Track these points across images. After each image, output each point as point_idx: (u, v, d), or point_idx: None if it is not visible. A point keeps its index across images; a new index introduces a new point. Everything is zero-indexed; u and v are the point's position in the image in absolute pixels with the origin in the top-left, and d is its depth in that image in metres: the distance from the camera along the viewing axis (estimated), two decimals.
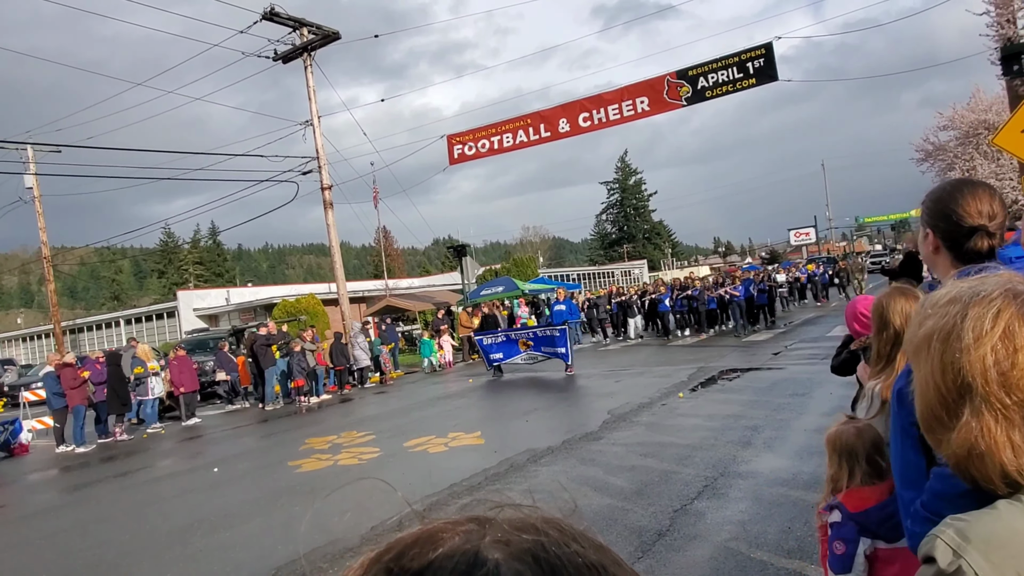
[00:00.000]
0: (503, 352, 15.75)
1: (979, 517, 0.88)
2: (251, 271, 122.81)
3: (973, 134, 21.88)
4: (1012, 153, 8.83)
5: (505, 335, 16.15)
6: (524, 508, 0.49)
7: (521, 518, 0.47)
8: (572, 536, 0.46)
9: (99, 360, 14.07)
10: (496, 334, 16.35)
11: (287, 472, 8.54)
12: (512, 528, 0.46)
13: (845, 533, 2.07)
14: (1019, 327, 0.90)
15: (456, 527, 0.46)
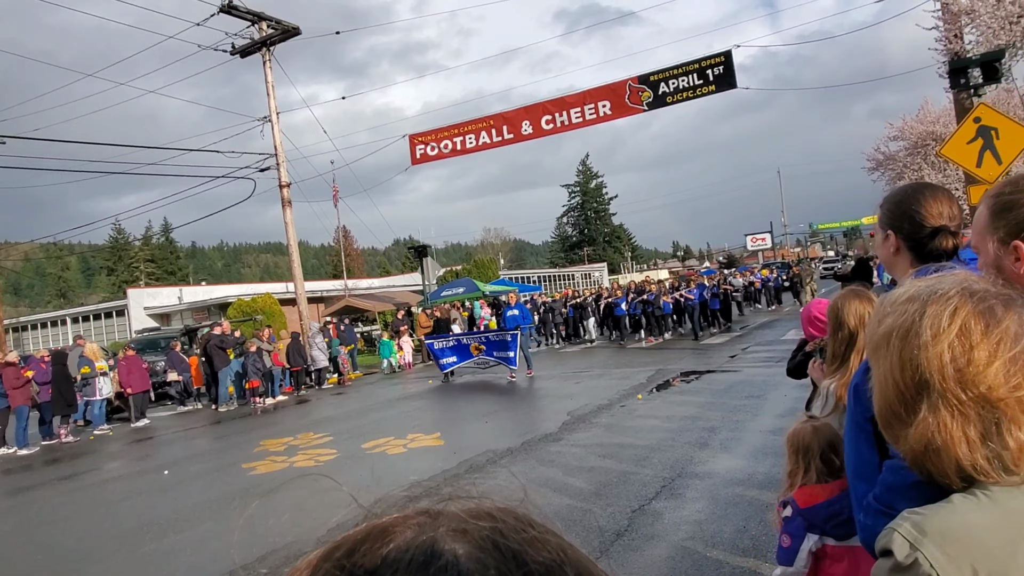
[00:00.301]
0: (456, 356, 15.48)
1: (935, 511, 0.89)
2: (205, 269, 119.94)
3: (922, 144, 22.67)
4: (958, 163, 9.17)
5: (456, 339, 15.91)
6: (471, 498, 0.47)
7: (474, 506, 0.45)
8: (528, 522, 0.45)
9: (44, 359, 13.56)
10: (447, 338, 16.07)
11: (241, 474, 8.35)
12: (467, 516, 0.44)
13: (793, 528, 2.12)
14: (975, 325, 0.91)
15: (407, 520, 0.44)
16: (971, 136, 8.62)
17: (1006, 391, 0.88)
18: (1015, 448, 0.87)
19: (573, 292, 25.75)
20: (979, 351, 0.90)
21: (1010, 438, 0.88)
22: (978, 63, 9.21)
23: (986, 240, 1.26)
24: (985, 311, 0.92)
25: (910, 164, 23.91)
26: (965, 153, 8.72)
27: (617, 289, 22.84)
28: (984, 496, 0.88)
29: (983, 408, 0.89)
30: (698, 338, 18.50)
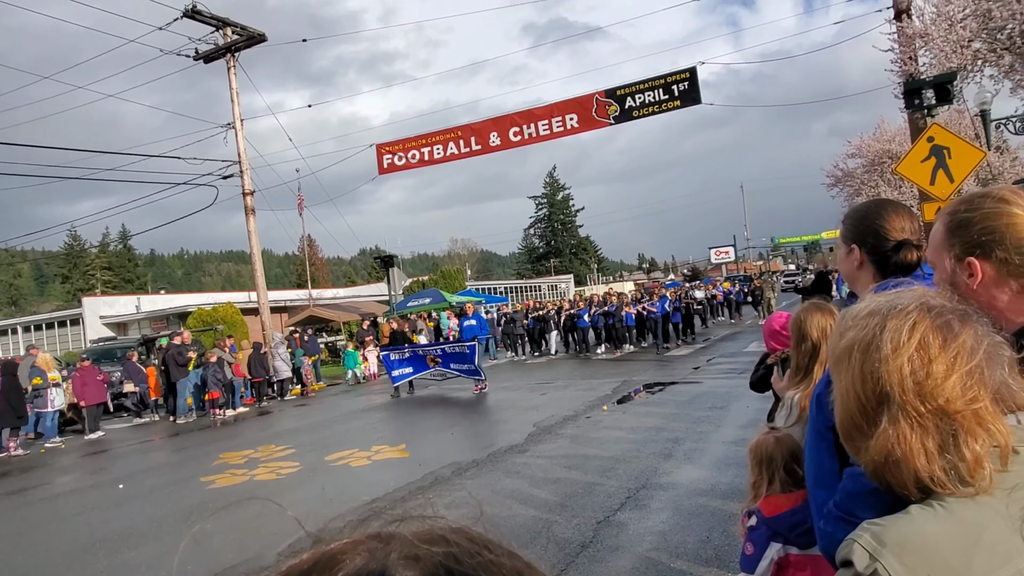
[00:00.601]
0: (412, 367, 15.09)
1: (894, 522, 0.91)
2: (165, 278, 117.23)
3: (878, 162, 23.35)
4: (912, 181, 9.46)
5: (412, 351, 15.47)
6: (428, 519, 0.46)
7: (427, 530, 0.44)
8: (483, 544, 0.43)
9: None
10: (403, 350, 15.54)
11: (199, 488, 8.13)
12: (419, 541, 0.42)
13: (757, 537, 2.15)
14: (933, 339, 0.93)
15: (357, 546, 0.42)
16: (925, 155, 8.91)
17: (963, 404, 0.91)
18: (971, 459, 0.89)
19: (535, 303, 25.34)
20: (937, 365, 0.92)
21: (966, 449, 0.90)
22: (931, 85, 9.54)
23: (942, 256, 1.30)
24: (943, 326, 0.95)
25: (867, 181, 24.61)
26: (919, 171, 9.01)
27: (580, 301, 22.58)
28: (940, 507, 0.90)
29: (941, 420, 0.91)
30: (660, 351, 18.54)
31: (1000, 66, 11.16)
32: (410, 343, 16.82)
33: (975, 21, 10.94)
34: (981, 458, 0.89)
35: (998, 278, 1.23)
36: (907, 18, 11.70)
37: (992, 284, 1.23)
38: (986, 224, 1.23)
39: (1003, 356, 0.94)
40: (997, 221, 1.22)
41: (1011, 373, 0.93)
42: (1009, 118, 14.28)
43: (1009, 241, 1.21)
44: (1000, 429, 0.90)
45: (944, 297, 1.01)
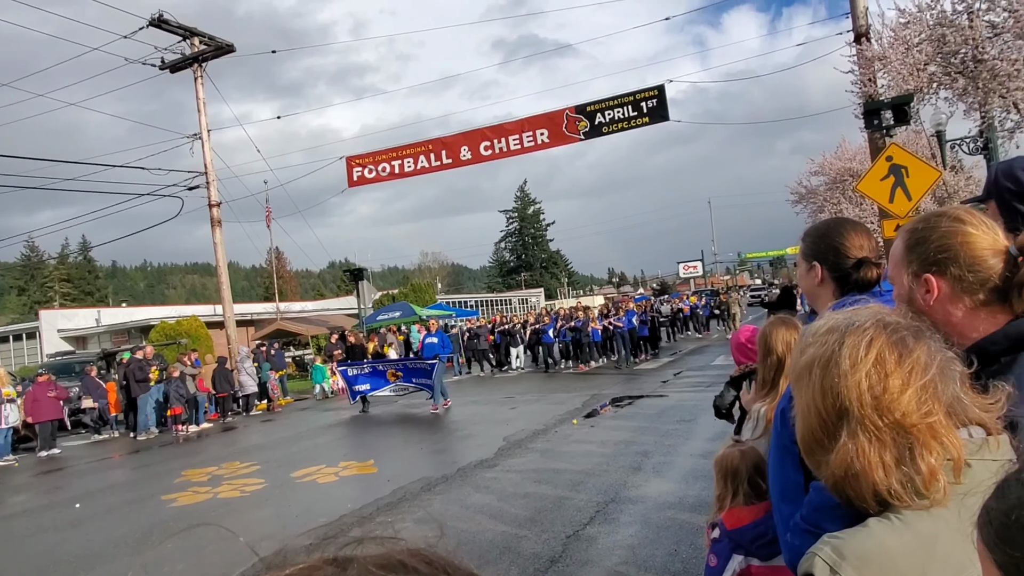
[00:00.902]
0: (370, 383, 14.75)
1: (853, 535, 0.93)
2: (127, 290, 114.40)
3: (840, 180, 23.91)
4: (872, 199, 9.72)
5: (372, 366, 15.16)
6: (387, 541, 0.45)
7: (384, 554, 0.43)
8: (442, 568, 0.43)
9: None
10: (362, 364, 15.26)
11: (160, 506, 7.92)
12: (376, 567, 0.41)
13: (720, 549, 2.18)
14: (889, 355, 0.96)
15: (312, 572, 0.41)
16: (884, 173, 9.16)
17: (918, 417, 0.93)
18: (927, 472, 0.92)
19: (501, 318, 24.95)
20: (893, 379, 0.95)
21: (922, 462, 0.92)
22: (889, 106, 9.83)
23: (900, 272, 1.33)
24: (898, 342, 0.98)
25: (829, 198, 25.17)
26: (879, 189, 9.26)
27: (545, 315, 22.23)
28: (897, 520, 0.92)
29: (898, 434, 0.94)
30: (627, 365, 18.41)
31: (954, 89, 11.56)
32: (374, 357, 16.60)
33: (930, 45, 11.33)
34: (936, 470, 0.91)
35: (953, 295, 1.26)
36: (866, 41, 12.05)
37: (947, 300, 1.27)
38: (942, 242, 1.27)
39: (955, 371, 0.97)
40: (952, 239, 1.26)
41: (963, 388, 0.97)
42: (963, 139, 14.78)
43: (963, 259, 1.24)
44: (953, 442, 0.93)
45: (899, 314, 1.04)
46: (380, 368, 14.98)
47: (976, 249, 1.24)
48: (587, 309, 22.00)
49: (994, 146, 12.22)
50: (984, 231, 1.26)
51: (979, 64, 10.84)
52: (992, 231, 1.27)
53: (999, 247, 1.25)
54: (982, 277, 1.24)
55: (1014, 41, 10.43)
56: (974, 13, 10.81)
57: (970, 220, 1.28)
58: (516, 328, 21.95)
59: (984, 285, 1.24)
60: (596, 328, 19.61)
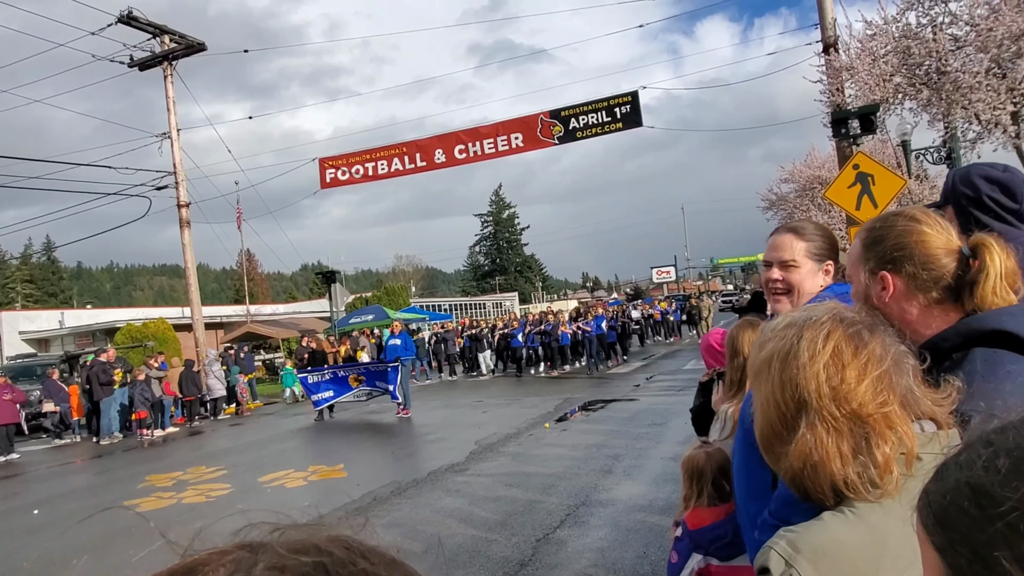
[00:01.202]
0: (333, 390, 14.25)
1: (808, 528, 0.93)
2: (92, 292, 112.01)
3: (809, 187, 24.34)
4: (840, 206, 9.90)
5: (333, 372, 14.60)
6: (307, 527, 0.44)
7: (301, 539, 0.41)
8: (360, 553, 0.41)
9: None
10: (323, 371, 14.72)
11: (122, 512, 7.72)
12: (289, 551, 0.40)
13: (681, 547, 2.21)
14: (845, 347, 0.98)
15: (223, 556, 0.40)
16: (851, 181, 9.34)
17: (874, 407, 0.95)
18: (882, 462, 0.93)
19: (470, 322, 24.60)
20: (850, 371, 0.96)
21: (878, 451, 0.93)
22: (856, 115, 10.03)
23: (858, 270, 1.35)
24: (854, 335, 0.99)
25: (799, 205, 25.61)
26: (846, 197, 9.44)
27: (514, 320, 21.88)
28: (851, 513, 0.93)
29: (855, 424, 0.95)
30: (597, 370, 18.21)
31: (919, 100, 11.84)
32: (346, 361, 16.31)
33: (896, 57, 11.59)
34: (890, 460, 0.93)
35: (908, 292, 1.29)
36: (835, 52, 12.29)
37: (903, 297, 1.29)
38: (898, 240, 1.29)
39: (908, 364, 0.99)
40: (908, 238, 1.29)
41: (915, 381, 0.98)
42: (927, 149, 15.15)
43: (918, 257, 1.27)
44: (907, 432, 0.95)
45: (854, 310, 1.05)
46: (341, 374, 14.50)
47: (930, 248, 1.27)
48: (557, 313, 21.81)
49: (957, 156, 12.54)
50: (939, 231, 1.29)
51: (942, 76, 11.12)
52: (946, 231, 1.30)
53: (952, 247, 1.27)
54: (936, 275, 1.26)
55: (975, 54, 10.72)
56: (938, 26, 11.09)
57: (925, 220, 1.31)
58: (484, 332, 21.60)
59: (937, 283, 1.26)
60: (566, 332, 19.44)
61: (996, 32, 10.33)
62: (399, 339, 14.94)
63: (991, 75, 10.77)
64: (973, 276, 1.23)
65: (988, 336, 1.19)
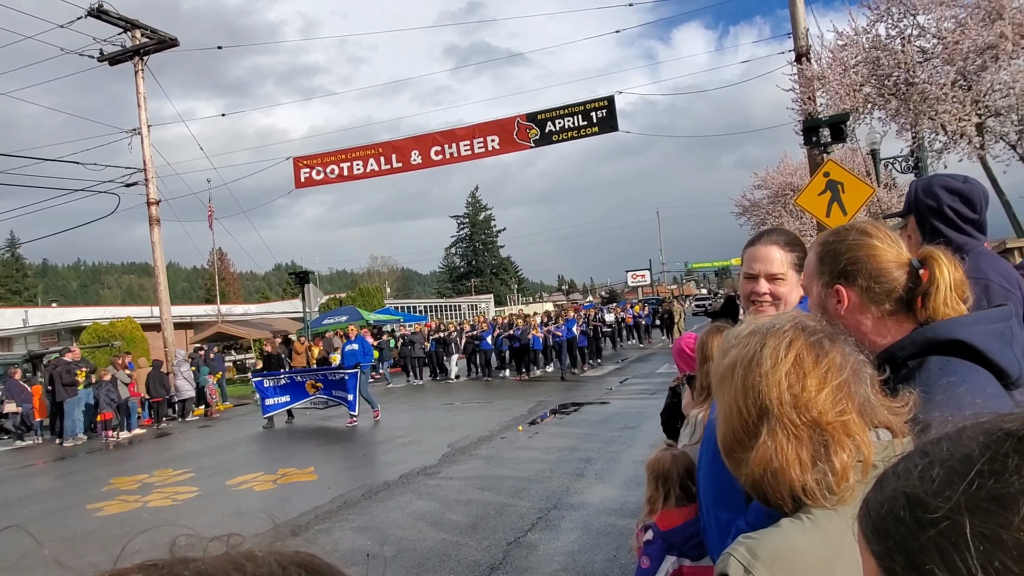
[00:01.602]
0: (289, 395, 13.69)
1: (766, 535, 0.94)
2: (58, 289, 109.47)
3: (781, 194, 24.74)
4: (811, 213, 10.05)
5: (289, 377, 14.11)
6: (231, 539, 0.43)
7: (206, 564, 0.40)
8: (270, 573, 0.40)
9: None
10: (278, 375, 14.22)
11: (84, 516, 7.55)
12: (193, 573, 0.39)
13: (653, 550, 2.19)
14: (807, 356, 0.99)
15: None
16: (821, 189, 9.48)
17: (833, 415, 0.96)
18: (839, 469, 0.94)
19: (437, 324, 23.63)
20: (811, 379, 0.98)
21: (836, 459, 0.94)
22: (827, 124, 10.20)
23: (813, 283, 1.38)
24: (815, 344, 1.00)
25: (772, 211, 26.00)
26: (817, 204, 9.58)
27: (483, 322, 21.35)
28: (808, 519, 0.93)
29: (814, 431, 0.96)
30: (565, 376, 17.83)
31: (887, 110, 12.10)
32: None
33: (866, 67, 11.83)
34: (848, 467, 0.94)
35: (862, 304, 1.32)
36: (807, 61, 12.50)
37: (857, 310, 1.32)
38: (851, 254, 1.33)
39: (866, 374, 1.00)
40: (860, 252, 1.32)
41: (873, 390, 0.99)
42: (896, 158, 15.47)
43: (870, 270, 1.30)
44: (865, 440, 0.96)
45: (816, 319, 1.06)
46: (299, 379, 13.93)
47: (882, 261, 1.31)
48: (528, 317, 21.34)
49: (924, 165, 12.83)
50: (889, 244, 1.33)
51: (910, 87, 11.37)
52: (896, 244, 1.33)
53: (902, 260, 1.31)
54: (887, 288, 1.30)
55: (942, 66, 10.98)
56: (906, 38, 11.35)
57: (876, 234, 1.34)
58: (452, 335, 21.04)
59: (890, 295, 1.30)
60: (538, 336, 18.98)
61: (962, 45, 10.59)
62: (356, 344, 14.28)
63: (957, 87, 11.04)
64: (924, 288, 1.27)
65: (942, 345, 1.23)
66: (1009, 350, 1.25)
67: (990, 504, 0.43)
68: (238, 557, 0.41)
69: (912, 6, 11.46)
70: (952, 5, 11.22)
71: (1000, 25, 10.52)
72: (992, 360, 1.22)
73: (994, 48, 10.68)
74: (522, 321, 20.09)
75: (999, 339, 1.25)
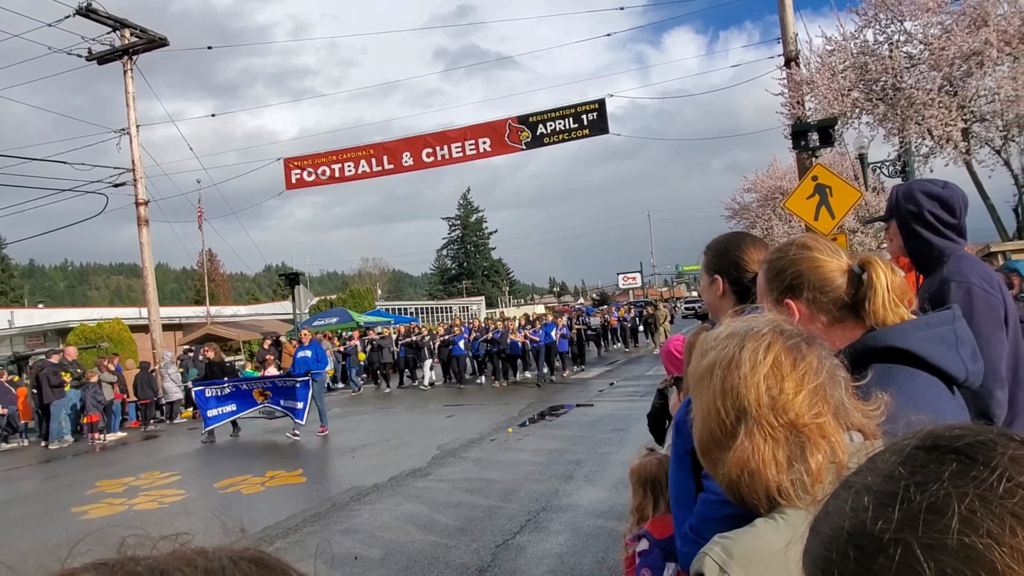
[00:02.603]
0: (235, 404, 12.64)
1: (742, 535, 0.95)
2: (44, 290, 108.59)
3: (771, 197, 24.87)
4: (799, 216, 10.12)
5: (234, 385, 12.92)
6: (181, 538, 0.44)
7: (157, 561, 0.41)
8: (207, 571, 0.41)
9: None
10: (222, 384, 12.91)
11: (69, 519, 7.49)
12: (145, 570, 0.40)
13: (652, 560, 2.13)
14: (785, 359, 1.01)
15: None
16: (810, 192, 9.54)
17: (810, 418, 0.97)
18: (815, 470, 0.95)
19: (407, 329, 22.22)
20: (788, 382, 0.99)
21: (812, 460, 0.96)
22: (815, 128, 10.28)
23: (765, 300, 1.43)
24: (793, 347, 1.02)
25: (761, 214, 26.15)
26: (805, 207, 9.64)
27: (456, 326, 20.23)
28: (781, 519, 0.95)
29: (791, 433, 0.98)
30: (544, 382, 16.78)
31: (875, 114, 12.20)
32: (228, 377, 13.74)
33: (854, 72, 11.93)
34: (822, 469, 0.95)
35: (811, 315, 1.37)
36: (796, 66, 12.60)
37: (807, 320, 1.36)
38: (794, 269, 1.38)
39: (840, 377, 1.02)
40: (802, 265, 1.38)
41: (847, 394, 1.01)
42: (883, 162, 15.58)
43: (814, 281, 1.36)
44: (839, 442, 0.97)
45: (792, 323, 1.08)
46: (244, 387, 12.87)
47: (824, 272, 1.36)
48: (507, 320, 20.48)
49: (911, 169, 12.94)
50: (829, 255, 1.38)
51: (898, 92, 11.47)
52: (836, 255, 1.39)
53: (843, 268, 1.36)
54: (832, 296, 1.35)
55: (929, 72, 11.08)
56: (894, 44, 11.46)
57: (816, 246, 1.40)
58: (424, 339, 19.66)
59: (835, 304, 1.35)
60: (517, 340, 17.75)
61: (948, 51, 10.70)
62: (309, 350, 12.84)
63: (943, 92, 11.15)
64: (863, 293, 1.32)
65: (882, 353, 1.27)
66: (954, 352, 1.30)
67: (926, 514, 0.44)
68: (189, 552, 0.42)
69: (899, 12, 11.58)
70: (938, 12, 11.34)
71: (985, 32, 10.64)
72: (934, 365, 1.27)
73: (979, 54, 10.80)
74: (499, 324, 19.18)
75: (940, 343, 1.29)
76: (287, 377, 12.62)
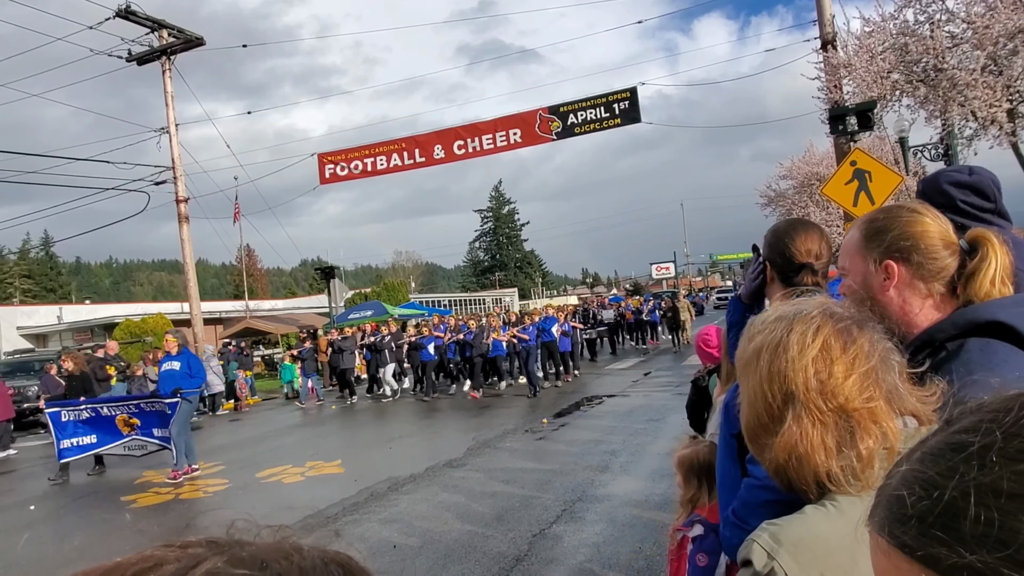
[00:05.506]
0: (95, 435, 9.95)
1: (790, 522, 0.95)
2: (90, 287, 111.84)
3: (807, 184, 24.33)
4: (837, 202, 9.90)
5: (94, 409, 9.94)
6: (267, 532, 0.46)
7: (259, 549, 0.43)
8: (301, 570, 0.42)
9: None
10: (78, 405, 10.00)
11: (119, 508, 7.74)
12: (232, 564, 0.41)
13: (708, 545, 2.12)
14: (835, 342, 0.99)
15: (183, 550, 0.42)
16: (848, 178, 9.33)
17: (860, 402, 0.96)
18: (865, 456, 0.94)
19: (371, 328, 18.54)
20: (838, 366, 0.98)
21: (862, 445, 0.95)
22: (854, 112, 10.01)
23: (859, 260, 1.36)
24: (843, 330, 1.00)
25: (798, 201, 25.62)
26: (843, 193, 9.43)
27: (425, 325, 17.41)
28: (832, 506, 0.94)
29: (840, 418, 0.96)
30: (532, 393, 13.92)
31: (916, 97, 11.83)
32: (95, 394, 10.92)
33: (893, 54, 11.58)
34: (873, 455, 0.94)
35: (911, 282, 1.30)
36: (832, 49, 12.28)
37: (905, 287, 1.30)
38: (904, 230, 1.31)
39: (894, 362, 1.00)
40: (913, 228, 1.30)
41: (901, 378, 0.99)
42: (925, 146, 15.15)
43: (923, 248, 1.29)
44: (891, 427, 0.95)
45: (844, 306, 1.06)
46: (106, 412, 9.92)
47: (933, 239, 1.29)
48: (488, 316, 17.74)
49: (954, 153, 12.55)
50: (939, 224, 1.31)
51: (939, 73, 11.11)
52: (946, 224, 1.32)
53: (951, 240, 1.30)
54: (939, 266, 1.28)
55: (972, 51, 10.71)
56: (935, 24, 11.08)
57: (927, 212, 1.33)
58: (385, 340, 16.41)
59: (939, 274, 1.28)
60: (499, 340, 15.27)
61: (992, 30, 10.32)
62: (178, 361, 9.46)
63: (987, 72, 10.77)
64: (974, 267, 1.26)
65: (983, 327, 1.21)
66: None
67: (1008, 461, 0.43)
68: (287, 547, 0.44)
69: None
70: None
71: None
72: None
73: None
74: (474, 323, 16.38)
75: None
76: (154, 399, 9.70)
